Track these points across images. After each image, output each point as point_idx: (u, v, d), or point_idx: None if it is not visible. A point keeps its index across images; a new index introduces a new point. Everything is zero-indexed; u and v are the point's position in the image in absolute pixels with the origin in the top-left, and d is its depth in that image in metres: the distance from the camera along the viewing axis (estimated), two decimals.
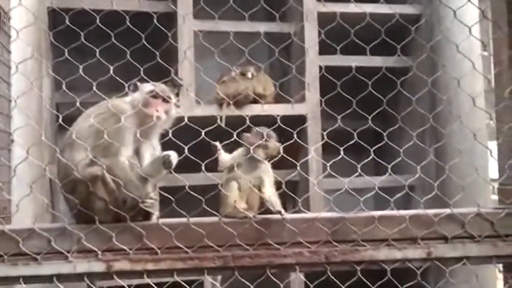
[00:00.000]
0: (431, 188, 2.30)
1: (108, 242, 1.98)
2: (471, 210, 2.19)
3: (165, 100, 2.20)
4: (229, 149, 2.25)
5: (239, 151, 2.24)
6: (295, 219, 2.12)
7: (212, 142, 2.20)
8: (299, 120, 3.84)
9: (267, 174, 2.20)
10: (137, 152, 2.20)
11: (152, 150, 2.23)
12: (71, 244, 1.98)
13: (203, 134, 2.13)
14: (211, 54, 2.42)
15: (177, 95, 3.61)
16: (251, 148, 2.15)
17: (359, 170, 2.16)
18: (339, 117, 2.29)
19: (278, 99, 4.07)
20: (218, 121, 2.22)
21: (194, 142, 2.11)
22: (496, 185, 2.31)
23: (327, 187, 3.46)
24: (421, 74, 2.93)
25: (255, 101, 3.94)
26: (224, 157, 2.24)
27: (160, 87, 2.23)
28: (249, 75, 4.07)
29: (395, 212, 2.15)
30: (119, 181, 2.03)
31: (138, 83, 2.22)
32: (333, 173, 2.19)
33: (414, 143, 2.35)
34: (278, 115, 2.37)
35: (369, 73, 2.56)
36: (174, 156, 2.12)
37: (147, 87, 2.22)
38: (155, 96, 2.19)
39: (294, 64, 3.71)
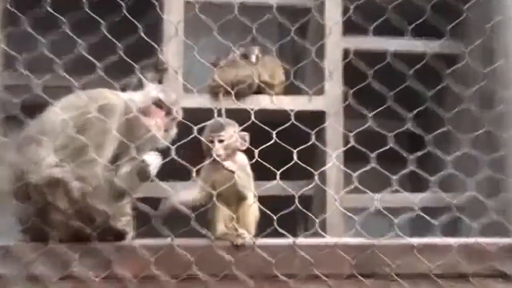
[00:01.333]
0: (486, 210, 2.27)
1: (67, 267, 1.95)
2: None
3: (169, 114, 2.26)
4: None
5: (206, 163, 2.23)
6: (309, 245, 2.10)
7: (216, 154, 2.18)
8: (316, 118, 3.75)
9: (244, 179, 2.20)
10: (115, 159, 2.22)
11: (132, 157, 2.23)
12: (18, 269, 1.95)
13: (195, 131, 2.09)
14: (206, 31, 2.37)
15: (159, 82, 3.57)
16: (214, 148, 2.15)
17: (394, 185, 2.14)
18: (369, 115, 2.24)
19: (288, 90, 3.96)
20: (215, 115, 2.21)
21: (184, 141, 2.08)
22: None
23: (350, 204, 3.39)
24: (475, 63, 2.88)
25: (259, 92, 3.82)
26: (200, 180, 2.21)
27: (169, 95, 2.29)
28: (253, 58, 3.95)
29: (439, 240, 2.15)
30: (87, 187, 2.03)
31: (144, 79, 2.31)
32: (360, 187, 2.15)
33: (465, 152, 2.35)
34: (291, 110, 2.34)
35: (406, 60, 2.51)
36: (154, 164, 2.14)
37: (154, 90, 2.28)
38: (160, 105, 2.25)
39: (311, 46, 3.67)
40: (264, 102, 3.68)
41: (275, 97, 3.75)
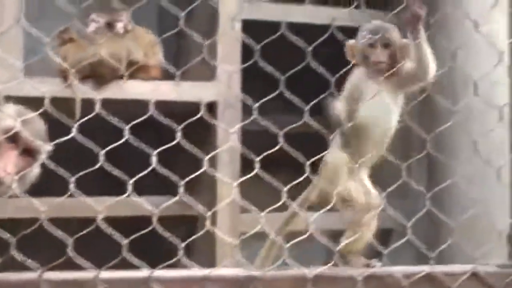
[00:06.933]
0: None
1: None
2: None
3: (27, 150, 2.08)
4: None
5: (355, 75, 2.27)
6: (171, 279, 2.00)
7: None
8: (202, 110, 3.81)
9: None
10: None
11: None
12: None
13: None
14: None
15: None
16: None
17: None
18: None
19: (167, 75, 3.91)
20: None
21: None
22: None
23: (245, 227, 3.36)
24: None
25: (129, 75, 3.69)
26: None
27: (31, 122, 2.10)
28: (120, 28, 3.84)
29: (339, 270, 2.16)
30: None
31: None
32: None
33: None
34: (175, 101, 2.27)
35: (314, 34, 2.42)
36: None
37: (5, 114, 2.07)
38: (15, 139, 2.05)
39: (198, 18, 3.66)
40: (136, 88, 3.70)
41: (150, 84, 3.78)
